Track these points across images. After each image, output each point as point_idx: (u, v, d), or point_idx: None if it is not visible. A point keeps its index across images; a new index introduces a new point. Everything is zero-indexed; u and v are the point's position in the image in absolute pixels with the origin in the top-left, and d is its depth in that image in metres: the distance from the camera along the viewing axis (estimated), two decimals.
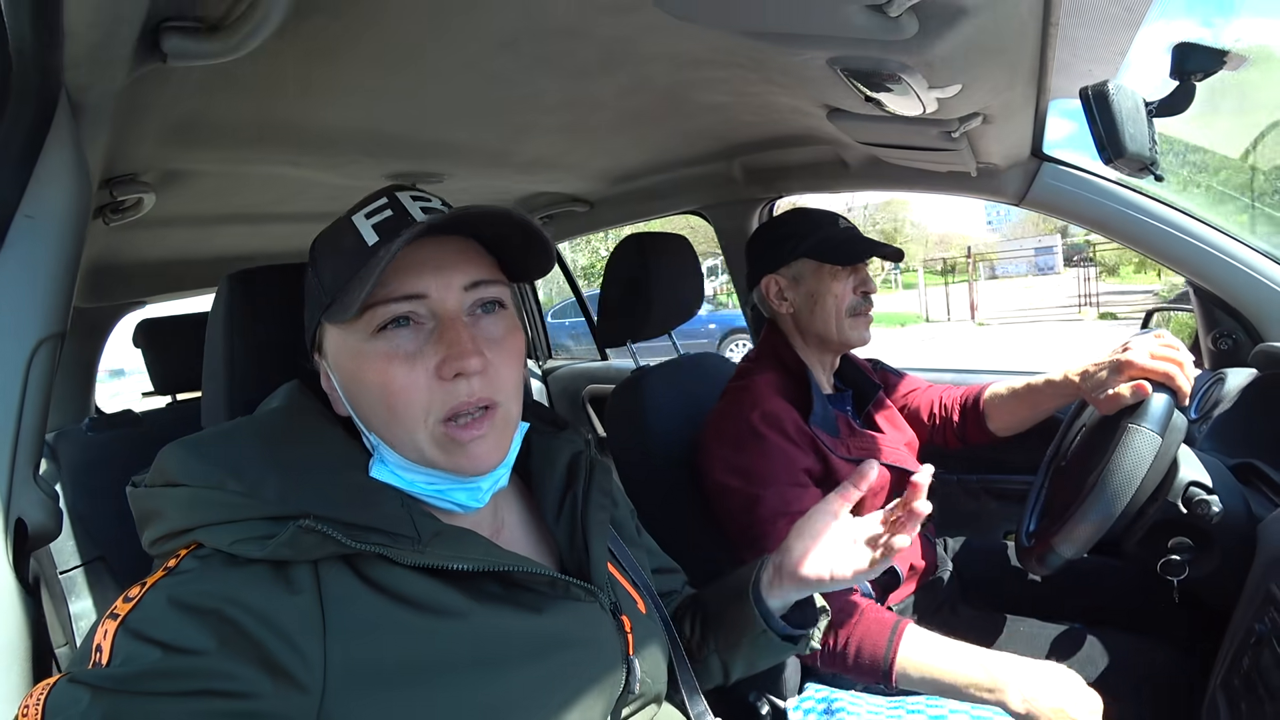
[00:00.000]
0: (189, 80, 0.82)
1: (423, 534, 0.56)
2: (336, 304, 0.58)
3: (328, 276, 0.61)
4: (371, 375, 0.58)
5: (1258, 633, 0.84)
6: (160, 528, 0.53)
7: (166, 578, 0.50)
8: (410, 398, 0.57)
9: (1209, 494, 0.97)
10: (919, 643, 0.93)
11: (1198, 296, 1.32)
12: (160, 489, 0.54)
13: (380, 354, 0.58)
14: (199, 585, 0.49)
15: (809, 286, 1.20)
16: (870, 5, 0.51)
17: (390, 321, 0.58)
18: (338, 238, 0.62)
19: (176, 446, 0.55)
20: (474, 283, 0.61)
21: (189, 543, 0.52)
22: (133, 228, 1.32)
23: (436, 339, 0.58)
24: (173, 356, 1.73)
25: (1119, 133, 0.72)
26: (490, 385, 0.59)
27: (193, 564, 0.50)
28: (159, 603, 0.48)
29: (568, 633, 0.62)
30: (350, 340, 0.59)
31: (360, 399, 0.60)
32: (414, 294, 0.58)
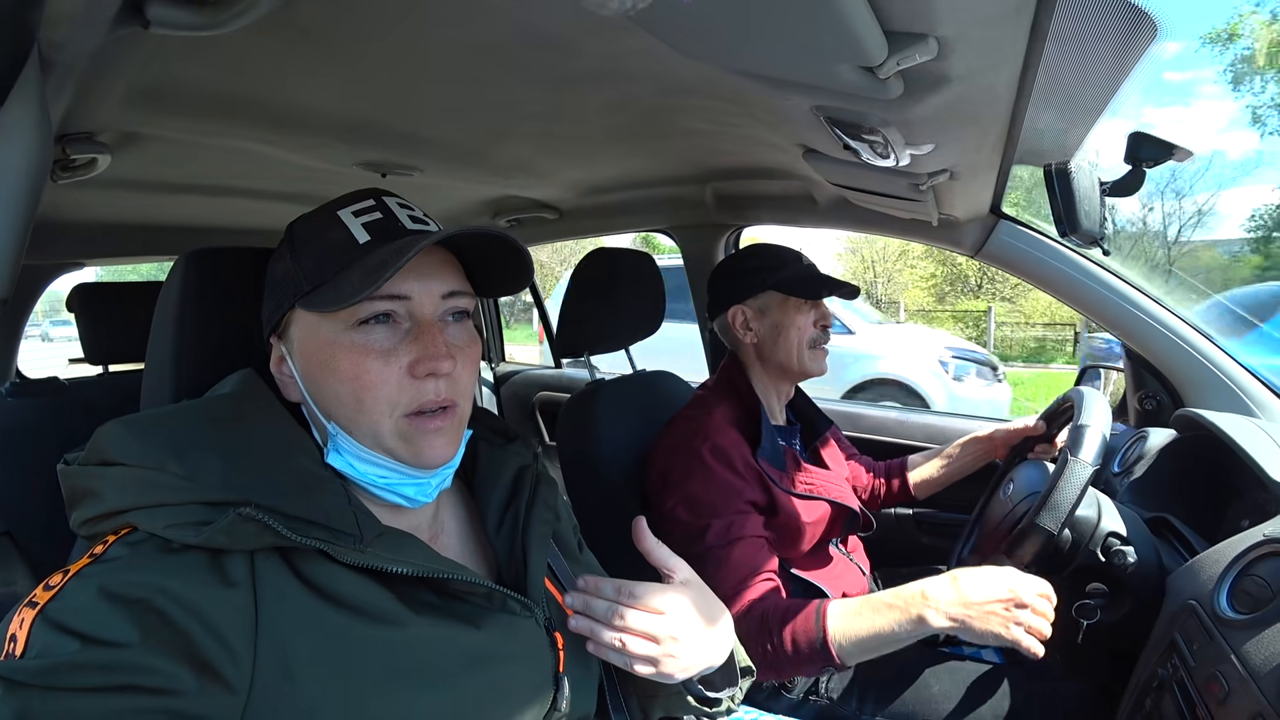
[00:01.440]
0: (165, 46, 0.80)
1: (365, 533, 0.56)
2: (321, 292, 0.59)
3: (310, 264, 0.61)
4: (345, 365, 0.58)
5: (1160, 677, 0.90)
6: (92, 508, 0.51)
7: (92, 565, 0.48)
8: (379, 392, 0.59)
9: (1125, 544, 1.03)
10: (841, 614, 0.99)
11: (1129, 358, 1.41)
12: (96, 468, 0.52)
13: (357, 346, 0.59)
14: (127, 574, 0.47)
15: (774, 318, 1.25)
16: (862, 66, 0.53)
17: (372, 317, 0.59)
18: (323, 229, 0.62)
19: (116, 424, 0.53)
20: (451, 292, 0.63)
21: (120, 526, 0.50)
22: (81, 186, 1.26)
23: (412, 340, 0.60)
24: (109, 325, 1.65)
25: (1076, 210, 0.77)
26: (454, 387, 0.62)
27: (122, 550, 0.48)
28: (82, 591, 0.46)
29: (500, 647, 0.62)
30: (325, 329, 0.59)
31: (324, 386, 0.60)
32: (399, 295, 0.60)
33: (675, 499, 1.14)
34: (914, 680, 1.19)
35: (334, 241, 0.61)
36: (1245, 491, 1.10)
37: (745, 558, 1.09)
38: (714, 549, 1.09)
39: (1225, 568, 0.88)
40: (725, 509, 1.12)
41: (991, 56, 0.55)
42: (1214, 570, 0.90)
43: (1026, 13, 0.49)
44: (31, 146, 0.61)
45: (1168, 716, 0.85)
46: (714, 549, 1.09)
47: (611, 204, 1.88)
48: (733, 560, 1.08)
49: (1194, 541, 1.10)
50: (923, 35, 0.49)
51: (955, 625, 0.91)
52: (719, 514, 1.11)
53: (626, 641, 0.64)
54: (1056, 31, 0.52)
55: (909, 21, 0.48)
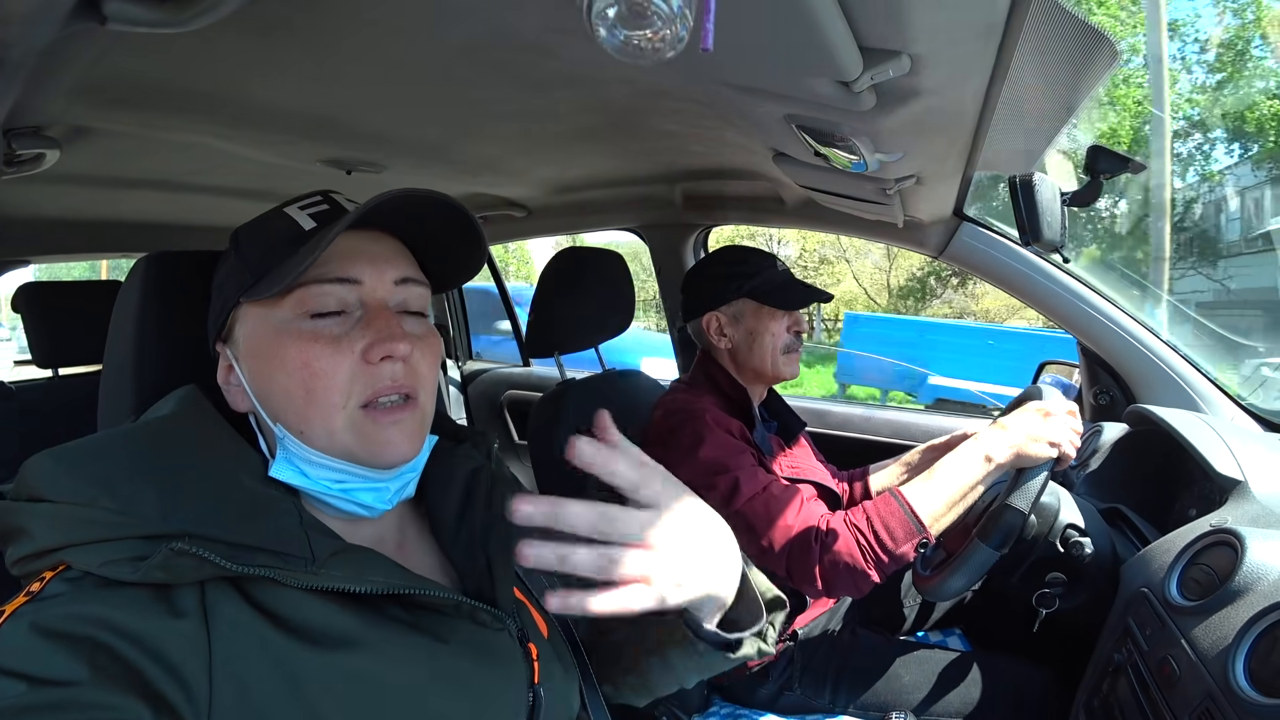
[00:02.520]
0: (121, 40, 0.76)
1: (318, 554, 0.53)
2: (265, 279, 0.56)
3: (254, 256, 0.59)
4: (293, 354, 0.56)
5: (1116, 662, 0.94)
6: (24, 547, 0.48)
7: (29, 604, 0.45)
8: (331, 381, 0.56)
9: (1082, 535, 1.07)
10: (917, 489, 1.04)
11: (1084, 355, 1.46)
12: (25, 504, 0.49)
13: (306, 333, 0.56)
14: (67, 609, 0.44)
15: (748, 325, 1.26)
16: (837, 80, 0.54)
17: (320, 311, 0.57)
18: (267, 225, 0.60)
19: (44, 458, 0.50)
20: (404, 278, 0.61)
21: (56, 564, 0.47)
22: (28, 181, 1.20)
23: (364, 325, 0.57)
24: (58, 326, 1.58)
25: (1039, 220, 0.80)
26: (412, 375, 0.59)
27: (61, 587, 0.46)
28: (21, 631, 0.43)
29: (472, 662, 0.59)
30: (272, 320, 0.57)
31: (273, 384, 0.57)
32: (348, 278, 0.57)
33: (688, 469, 1.12)
34: (885, 671, 1.22)
35: (279, 232, 0.59)
36: (1192, 483, 1.15)
37: (787, 490, 1.10)
38: (756, 496, 1.09)
39: (1175, 557, 0.92)
40: (742, 462, 1.12)
41: (961, 72, 0.57)
42: (1165, 559, 0.94)
43: (995, 33, 0.51)
44: None
45: (1123, 698, 0.89)
46: (756, 496, 1.09)
47: (580, 202, 1.87)
48: (780, 495, 1.09)
49: (1145, 531, 1.15)
50: (896, 52, 0.50)
51: (1015, 456, 1.02)
52: (739, 466, 1.11)
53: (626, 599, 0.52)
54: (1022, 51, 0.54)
55: (884, 39, 0.49)
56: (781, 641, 1.27)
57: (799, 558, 1.05)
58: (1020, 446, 1.01)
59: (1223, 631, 0.78)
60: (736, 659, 0.62)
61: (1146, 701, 0.83)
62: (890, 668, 1.22)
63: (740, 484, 1.09)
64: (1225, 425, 1.17)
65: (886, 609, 1.45)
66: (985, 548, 1.00)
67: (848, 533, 1.03)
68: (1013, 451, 1.01)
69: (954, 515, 1.03)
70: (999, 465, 1.02)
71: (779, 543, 1.06)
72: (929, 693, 1.19)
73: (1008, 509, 1.00)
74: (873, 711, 1.20)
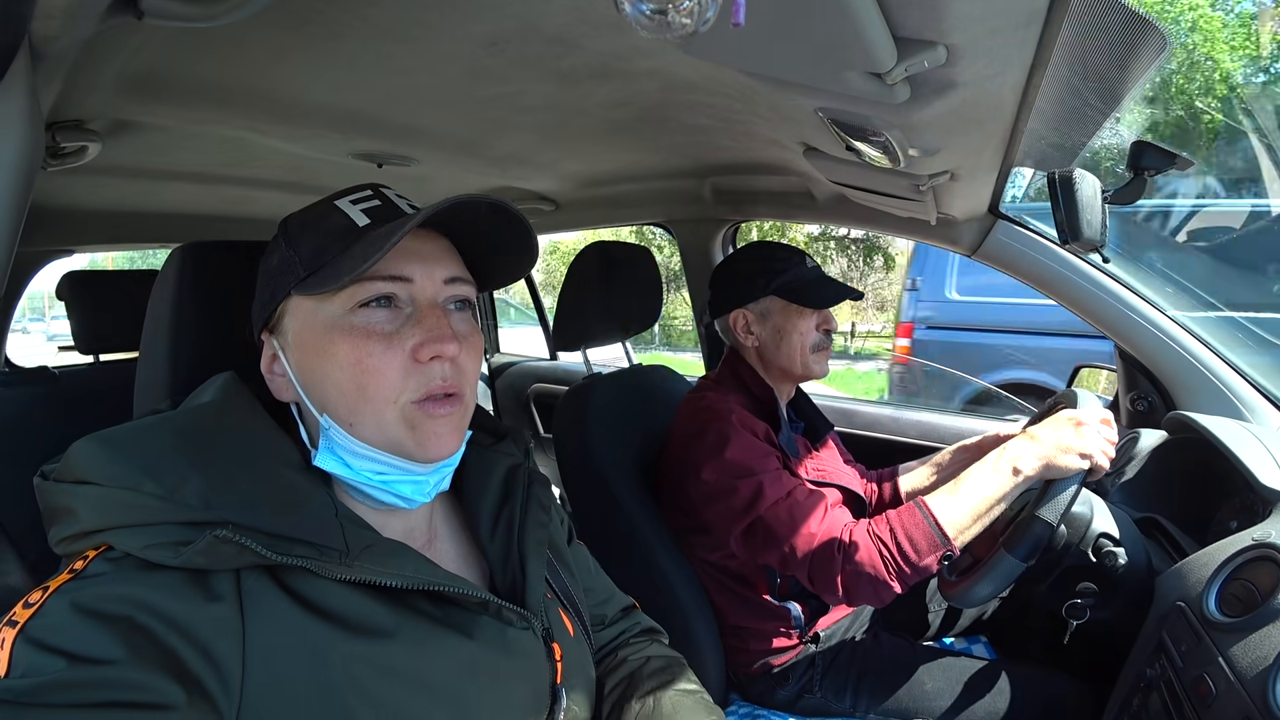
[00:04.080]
0: (157, 34, 0.78)
1: (352, 546, 0.54)
2: (319, 275, 0.57)
3: (307, 250, 0.59)
4: (345, 350, 0.57)
5: (1148, 677, 0.91)
6: (69, 527, 0.50)
7: (72, 581, 0.46)
8: (383, 377, 0.57)
9: (1116, 545, 1.04)
10: (942, 500, 1.02)
11: (1122, 359, 1.42)
12: (70, 485, 0.50)
13: (358, 329, 0.57)
14: (108, 589, 0.46)
15: (776, 323, 1.24)
16: (870, 72, 0.53)
17: (373, 299, 0.58)
18: (320, 218, 0.61)
19: (90, 442, 0.51)
20: (453, 278, 0.62)
21: (99, 544, 0.49)
22: (71, 173, 1.24)
23: (415, 323, 0.58)
24: (100, 314, 1.63)
25: (1078, 219, 0.77)
26: (459, 374, 0.60)
27: (103, 567, 0.47)
28: (63, 609, 0.44)
29: (496, 658, 0.61)
30: (323, 314, 0.58)
31: (323, 376, 0.58)
32: (401, 276, 0.58)
33: (712, 469, 1.13)
34: (908, 677, 1.20)
35: (333, 227, 0.60)
36: (1234, 494, 1.11)
37: (811, 496, 1.09)
38: (779, 502, 1.08)
39: (1214, 571, 0.89)
40: (767, 465, 1.12)
41: (999, 64, 0.55)
42: (1203, 573, 0.91)
43: (1036, 22, 0.49)
44: (22, 137, 0.60)
45: (1155, 716, 0.87)
46: (779, 502, 1.08)
47: (609, 196, 1.87)
48: (804, 501, 1.08)
49: (1183, 543, 1.11)
50: (932, 43, 0.48)
51: (1044, 468, 0.99)
52: (764, 469, 1.11)
53: None
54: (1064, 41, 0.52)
55: (919, 29, 0.47)
56: (802, 643, 1.25)
57: (821, 566, 1.04)
58: (1050, 458, 0.99)
59: (1263, 651, 0.75)
60: None
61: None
62: (913, 674, 1.20)
63: (764, 489, 1.08)
64: (1271, 435, 1.12)
65: (911, 614, 1.42)
66: (1011, 558, 0.98)
67: (870, 543, 1.02)
68: (1041, 463, 0.99)
69: (979, 528, 1.01)
70: (1027, 477, 0.99)
71: (801, 550, 1.05)
72: (953, 701, 1.16)
73: (1036, 520, 0.98)
74: (894, 718, 1.18)
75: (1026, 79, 0.60)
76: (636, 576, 1.20)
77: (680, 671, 0.83)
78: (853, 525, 1.05)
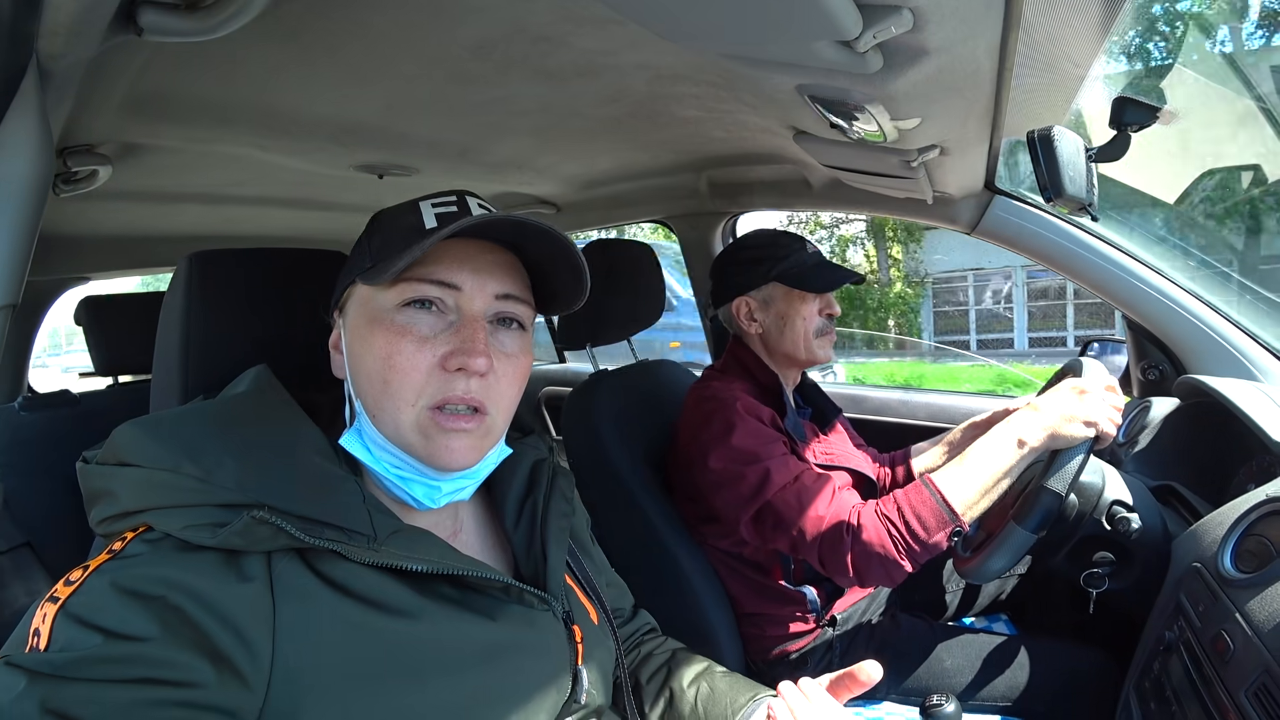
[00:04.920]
0: (159, 54, 0.81)
1: (379, 532, 0.56)
2: (377, 267, 0.60)
3: (378, 243, 0.62)
4: (380, 344, 0.59)
5: (1167, 640, 0.91)
6: (109, 507, 0.52)
7: (111, 561, 0.49)
8: (407, 377, 0.58)
9: (1130, 512, 1.04)
10: (948, 475, 1.02)
11: (1130, 329, 1.40)
12: (112, 468, 0.53)
13: (396, 326, 0.59)
14: (144, 569, 0.48)
15: (779, 309, 1.24)
16: (839, 41, 0.54)
17: (418, 300, 0.59)
18: (401, 215, 0.64)
19: (131, 426, 0.54)
20: (505, 294, 0.62)
21: (138, 525, 0.51)
22: (84, 199, 1.28)
23: (454, 332, 0.60)
24: (117, 336, 1.67)
25: (1060, 175, 0.78)
26: (487, 392, 0.60)
27: (140, 548, 0.50)
28: (101, 587, 0.47)
29: (518, 640, 0.62)
30: (374, 304, 0.60)
31: (361, 362, 0.60)
32: (449, 282, 0.60)
33: (718, 456, 1.13)
34: (927, 655, 1.20)
35: (405, 225, 0.62)
36: (1250, 456, 1.10)
37: (819, 480, 1.10)
38: (787, 486, 1.08)
39: (1229, 529, 0.88)
40: (773, 450, 1.12)
41: (969, 26, 0.56)
42: (1217, 532, 0.90)
43: None
44: (33, 158, 0.63)
45: (1175, 677, 0.86)
46: (787, 486, 1.08)
47: (608, 196, 1.88)
48: (811, 485, 1.08)
49: (1200, 507, 1.10)
50: (896, 7, 0.49)
51: (1048, 438, 0.98)
52: (770, 455, 1.11)
53: None
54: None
55: None
56: (820, 626, 1.25)
57: (830, 549, 1.04)
58: (1054, 427, 0.98)
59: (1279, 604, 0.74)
60: None
61: (1200, 679, 0.80)
62: (933, 652, 1.20)
63: (771, 474, 1.09)
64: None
65: (928, 594, 1.42)
66: (1021, 530, 0.98)
67: (879, 523, 1.02)
68: (1046, 433, 0.98)
69: (988, 501, 1.00)
70: (1032, 448, 0.99)
71: (810, 533, 1.05)
72: (974, 678, 1.16)
73: (1044, 491, 0.97)
74: (915, 697, 1.18)
75: (1001, 41, 0.61)
76: (651, 569, 1.20)
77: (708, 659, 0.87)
78: (860, 506, 1.05)
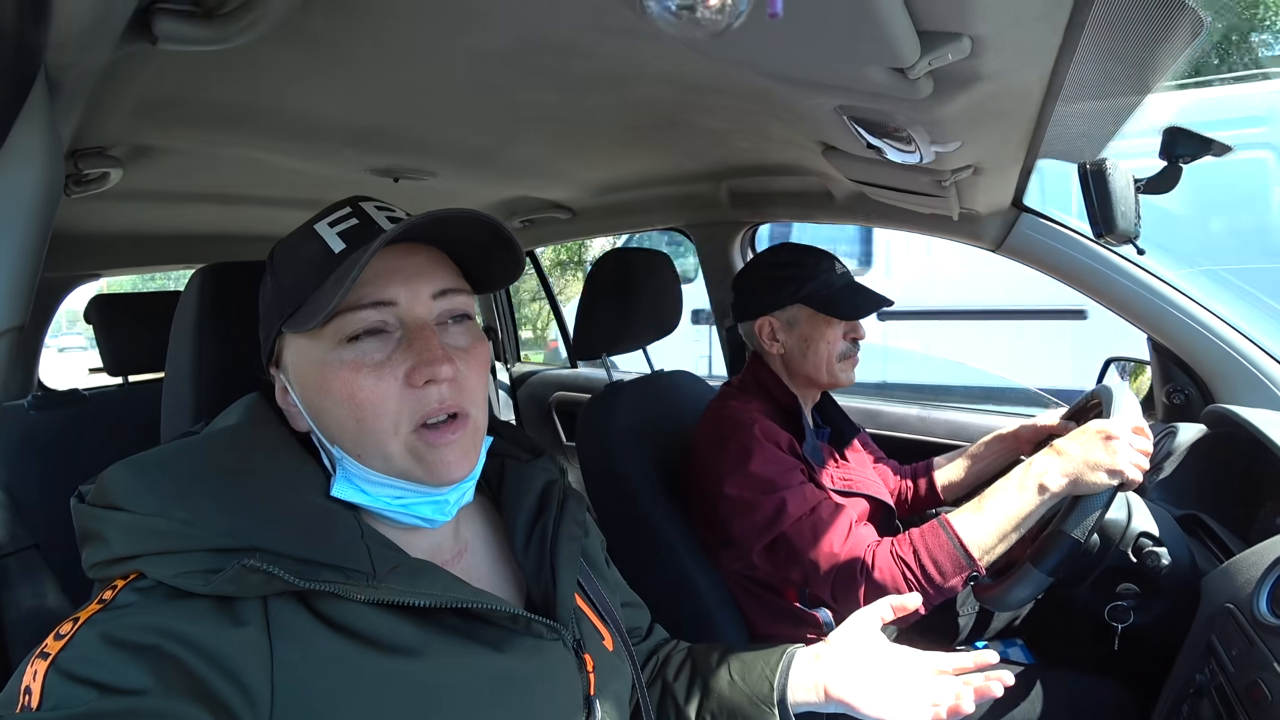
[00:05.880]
0: (173, 59, 0.79)
1: (379, 568, 0.54)
2: (301, 312, 0.56)
3: (288, 283, 0.58)
4: (338, 386, 0.56)
5: (1198, 683, 0.88)
6: (101, 553, 0.50)
7: (101, 612, 0.47)
8: (380, 409, 0.56)
9: (1158, 545, 1.01)
10: (966, 518, 1.00)
11: (1156, 352, 1.38)
12: (103, 511, 0.51)
13: (347, 364, 0.56)
14: (136, 619, 0.46)
15: (803, 331, 1.21)
16: (892, 67, 0.51)
17: (360, 332, 0.56)
18: (299, 245, 0.60)
19: (121, 468, 0.52)
20: (442, 291, 0.60)
21: (129, 571, 0.49)
22: (96, 199, 1.26)
23: (405, 347, 0.57)
24: (127, 336, 1.66)
25: (1111, 210, 0.75)
26: (459, 393, 0.59)
27: (131, 597, 0.48)
28: (92, 640, 0.45)
29: (527, 671, 0.60)
30: (314, 350, 0.57)
31: (325, 412, 0.58)
32: (383, 301, 0.57)
33: (734, 483, 1.11)
34: None
35: (309, 255, 0.58)
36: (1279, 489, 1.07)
37: (835, 513, 1.08)
38: (803, 518, 1.07)
39: (1265, 571, 0.85)
40: (790, 479, 1.10)
41: (1025, 54, 0.53)
42: (1252, 573, 0.87)
43: (1064, 10, 0.47)
44: (43, 166, 0.60)
45: None
46: (803, 518, 1.07)
47: (625, 203, 1.86)
48: (828, 519, 1.07)
49: (1228, 540, 1.07)
50: (957, 34, 0.47)
51: (1070, 485, 0.96)
52: (787, 484, 1.09)
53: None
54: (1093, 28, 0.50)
55: (943, 21, 0.46)
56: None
57: (844, 585, 1.03)
58: (1077, 475, 0.95)
59: None
60: None
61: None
62: None
63: (787, 504, 1.07)
64: None
65: (941, 617, 1.39)
66: (1037, 573, 0.96)
67: (893, 563, 1.00)
68: (1069, 480, 0.96)
69: (1005, 546, 0.98)
70: (1053, 494, 0.96)
71: (824, 567, 1.04)
72: (990, 706, 1.13)
73: (1062, 535, 0.95)
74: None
75: (1053, 69, 0.58)
76: (664, 585, 1.18)
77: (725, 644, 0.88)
78: (875, 545, 1.03)
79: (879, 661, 0.73)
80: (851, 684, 0.72)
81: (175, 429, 0.70)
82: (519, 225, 2.08)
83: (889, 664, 0.73)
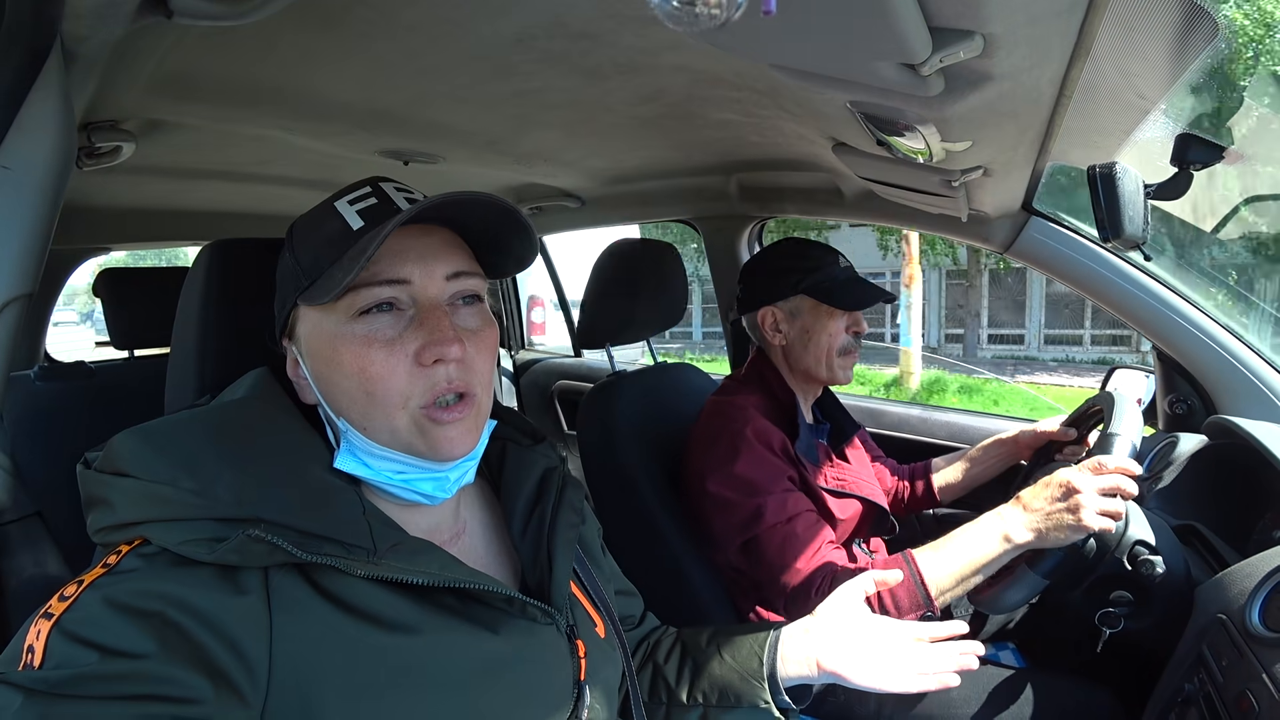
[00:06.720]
0: (188, 34, 0.79)
1: (379, 545, 0.55)
2: (317, 285, 0.57)
3: (307, 258, 0.59)
4: (349, 359, 0.57)
5: (1186, 692, 0.88)
6: (106, 517, 0.51)
7: (106, 576, 0.48)
8: (389, 384, 0.57)
9: (1153, 554, 1.01)
10: (931, 558, 1.00)
11: (1160, 360, 1.37)
12: (110, 477, 0.51)
13: (359, 338, 0.57)
14: (140, 585, 0.47)
15: (805, 323, 1.22)
16: (903, 63, 0.51)
17: (372, 306, 0.57)
18: (319, 222, 0.61)
19: (130, 435, 0.52)
20: (456, 273, 0.61)
21: (134, 537, 0.50)
22: (107, 172, 1.27)
23: (417, 325, 0.58)
24: (135, 310, 1.67)
25: (1120, 215, 0.75)
26: (467, 374, 0.59)
27: (135, 563, 0.48)
28: (96, 603, 0.45)
29: (519, 654, 0.61)
30: (327, 323, 0.58)
31: (334, 384, 0.58)
32: (398, 279, 0.58)
33: (719, 481, 1.13)
34: None
35: (329, 232, 0.59)
36: (1277, 502, 1.07)
37: (810, 529, 1.09)
38: (777, 526, 1.08)
39: (1258, 583, 0.85)
40: (774, 486, 1.11)
41: (1038, 54, 0.53)
42: (1246, 584, 0.88)
43: (1078, 10, 0.47)
44: (57, 137, 0.61)
45: None
46: (777, 526, 1.08)
47: (635, 193, 1.86)
48: (800, 534, 1.08)
49: (1223, 552, 1.07)
50: (969, 32, 0.47)
51: (1036, 536, 0.95)
52: (770, 490, 1.10)
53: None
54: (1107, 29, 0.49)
55: (956, 18, 0.46)
56: None
57: (797, 604, 1.05)
58: (1041, 530, 0.95)
59: None
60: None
61: None
62: None
63: (764, 511, 1.09)
64: None
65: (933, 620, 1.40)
66: (1033, 574, 0.97)
67: None
68: (1034, 534, 0.96)
69: (963, 589, 0.99)
70: (1018, 546, 0.97)
71: (779, 581, 1.06)
72: (979, 709, 1.14)
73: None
74: None
75: (1066, 70, 0.58)
76: (658, 575, 1.19)
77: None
78: (838, 571, 1.05)
79: (866, 633, 0.76)
80: (843, 656, 0.74)
81: (179, 403, 0.70)
82: (527, 212, 2.08)
83: (875, 635, 0.76)
